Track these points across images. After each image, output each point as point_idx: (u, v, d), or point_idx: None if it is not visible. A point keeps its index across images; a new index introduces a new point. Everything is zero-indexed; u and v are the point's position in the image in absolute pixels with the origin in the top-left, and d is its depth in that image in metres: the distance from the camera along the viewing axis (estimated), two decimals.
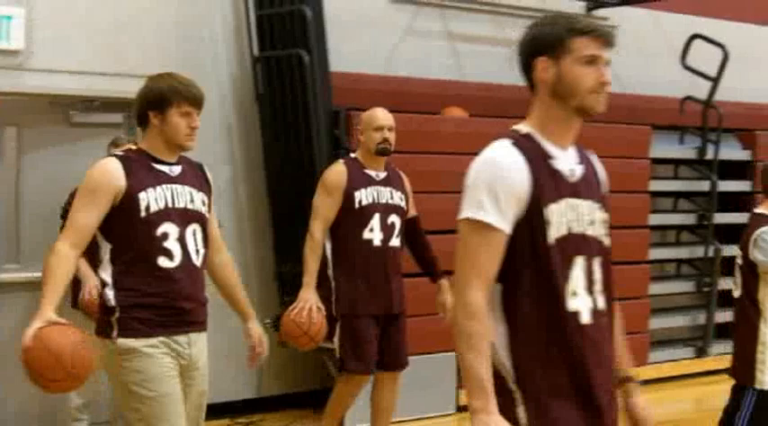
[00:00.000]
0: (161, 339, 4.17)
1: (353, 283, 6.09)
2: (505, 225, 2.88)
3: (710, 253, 9.98)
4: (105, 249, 4.19)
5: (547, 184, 2.94)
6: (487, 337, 2.85)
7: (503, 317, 2.92)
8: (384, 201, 6.14)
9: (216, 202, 4.57)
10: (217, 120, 7.93)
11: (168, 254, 4.19)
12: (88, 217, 4.10)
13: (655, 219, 9.90)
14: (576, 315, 2.93)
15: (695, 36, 10.06)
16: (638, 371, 9.86)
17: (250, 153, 8.18)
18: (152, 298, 4.15)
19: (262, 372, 8.04)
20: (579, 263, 2.96)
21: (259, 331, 4.61)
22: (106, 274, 4.19)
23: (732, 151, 10.43)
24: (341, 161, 6.17)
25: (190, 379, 4.28)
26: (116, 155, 4.34)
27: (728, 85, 10.06)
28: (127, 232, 4.14)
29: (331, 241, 6.14)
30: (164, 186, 4.22)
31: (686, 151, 10.23)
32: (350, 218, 6.09)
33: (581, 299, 2.95)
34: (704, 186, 10.11)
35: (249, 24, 8.06)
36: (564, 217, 2.95)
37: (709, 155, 10.09)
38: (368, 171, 6.15)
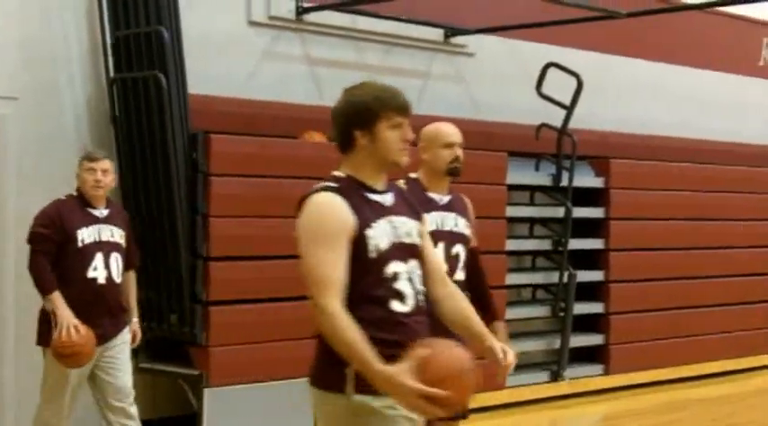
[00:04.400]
0: None
1: None
2: None
3: (565, 279, 10.14)
4: None
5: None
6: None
7: None
8: (448, 229, 5.43)
9: None
10: (71, 143, 7.75)
11: (400, 297, 3.62)
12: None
13: (511, 245, 10.01)
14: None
15: (550, 64, 10.25)
16: (494, 395, 10.02)
17: None
18: (389, 349, 3.46)
19: None
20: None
21: (497, 343, 3.87)
22: None
23: (586, 178, 10.64)
24: (401, 181, 5.18)
25: None
26: (329, 188, 3.64)
27: (583, 113, 10.28)
28: (355, 273, 3.55)
29: None
30: (384, 219, 3.65)
31: (542, 178, 10.39)
32: None
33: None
34: (559, 212, 10.28)
35: (105, 45, 7.90)
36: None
37: (564, 182, 10.27)
38: (431, 194, 5.43)
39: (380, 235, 3.58)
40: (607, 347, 10.69)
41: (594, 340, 10.71)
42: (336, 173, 3.71)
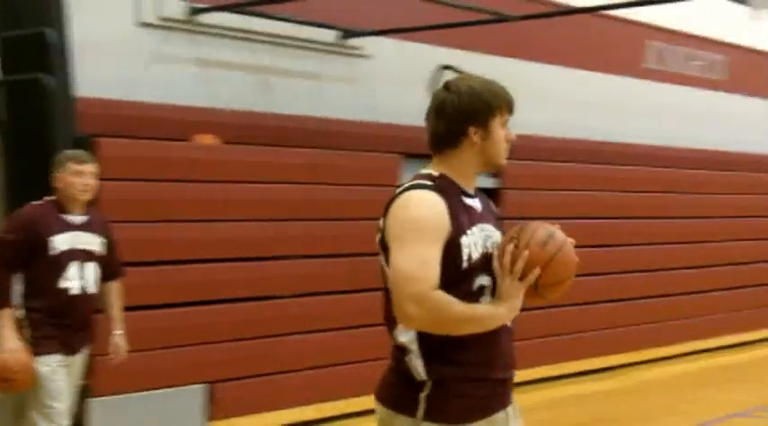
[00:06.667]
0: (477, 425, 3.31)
1: None
2: None
3: None
4: None
5: None
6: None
7: None
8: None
9: None
10: None
11: None
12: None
13: None
14: None
15: (445, 67, 10.31)
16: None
17: None
18: (473, 371, 3.29)
19: None
20: None
21: None
22: (407, 337, 3.32)
23: (480, 179, 10.70)
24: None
25: None
26: (426, 186, 3.34)
27: None
28: (442, 285, 3.21)
29: None
30: (477, 227, 3.35)
31: None
32: None
33: None
34: None
35: None
36: None
37: None
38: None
39: (474, 243, 3.30)
40: None
41: None
42: (429, 171, 3.41)
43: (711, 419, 9.39)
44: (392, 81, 10.42)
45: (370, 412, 10.08)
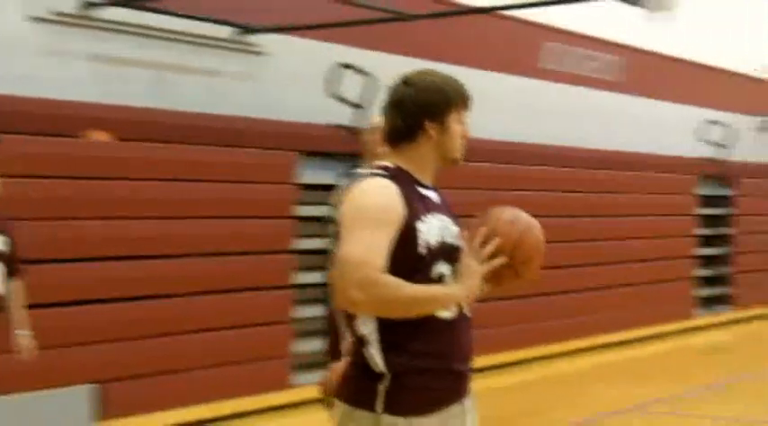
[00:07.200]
0: (432, 419, 3.29)
1: None
2: None
3: None
4: None
5: None
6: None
7: None
8: None
9: None
10: None
11: None
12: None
13: (303, 244, 10.06)
14: None
15: (343, 65, 10.33)
16: (282, 395, 10.04)
17: None
18: (432, 363, 3.28)
19: None
20: None
21: None
22: (367, 328, 3.28)
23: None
24: None
25: None
26: (380, 174, 3.32)
27: (374, 113, 10.37)
28: (400, 272, 3.20)
29: None
30: (433, 216, 3.34)
31: (333, 177, 10.46)
32: None
33: None
34: None
35: None
36: None
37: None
38: None
39: (430, 230, 3.28)
40: None
41: None
42: (385, 163, 3.39)
43: (603, 412, 9.54)
44: (289, 78, 10.41)
45: (263, 410, 10.06)
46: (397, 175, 3.32)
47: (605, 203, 13.96)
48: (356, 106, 10.35)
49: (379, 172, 3.33)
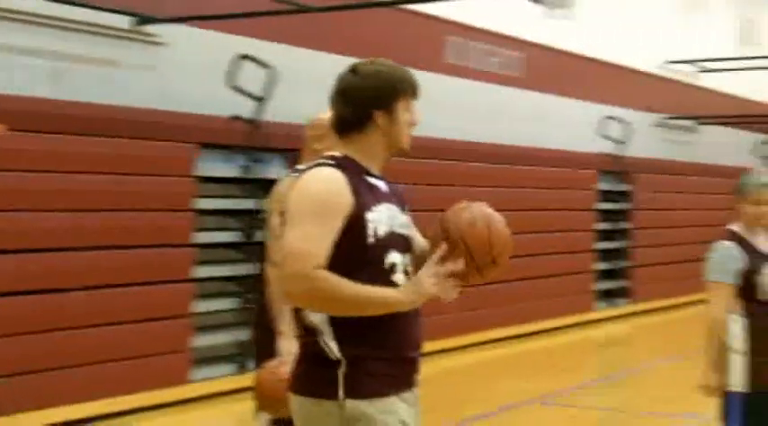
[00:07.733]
0: (393, 399, 3.36)
1: None
2: None
3: (255, 271, 10.16)
4: None
5: None
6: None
7: None
8: None
9: None
10: None
11: None
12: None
13: (202, 238, 9.96)
14: None
15: (243, 56, 10.24)
16: (181, 390, 9.95)
17: None
18: (385, 351, 3.34)
19: None
20: None
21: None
22: (317, 317, 3.29)
23: (278, 170, 10.69)
24: None
25: None
26: (328, 164, 3.36)
27: (276, 106, 10.35)
28: (351, 262, 3.25)
29: None
30: (383, 205, 3.36)
31: (233, 170, 10.39)
32: None
33: None
34: (250, 204, 10.31)
35: None
36: None
37: (256, 174, 10.32)
38: None
39: (380, 219, 3.31)
40: None
41: None
42: (332, 153, 3.41)
43: (502, 405, 9.60)
44: (189, 69, 10.28)
45: (161, 406, 9.95)
46: (344, 165, 3.33)
47: (508, 198, 14.05)
48: (257, 98, 10.29)
49: (327, 161, 3.35)
